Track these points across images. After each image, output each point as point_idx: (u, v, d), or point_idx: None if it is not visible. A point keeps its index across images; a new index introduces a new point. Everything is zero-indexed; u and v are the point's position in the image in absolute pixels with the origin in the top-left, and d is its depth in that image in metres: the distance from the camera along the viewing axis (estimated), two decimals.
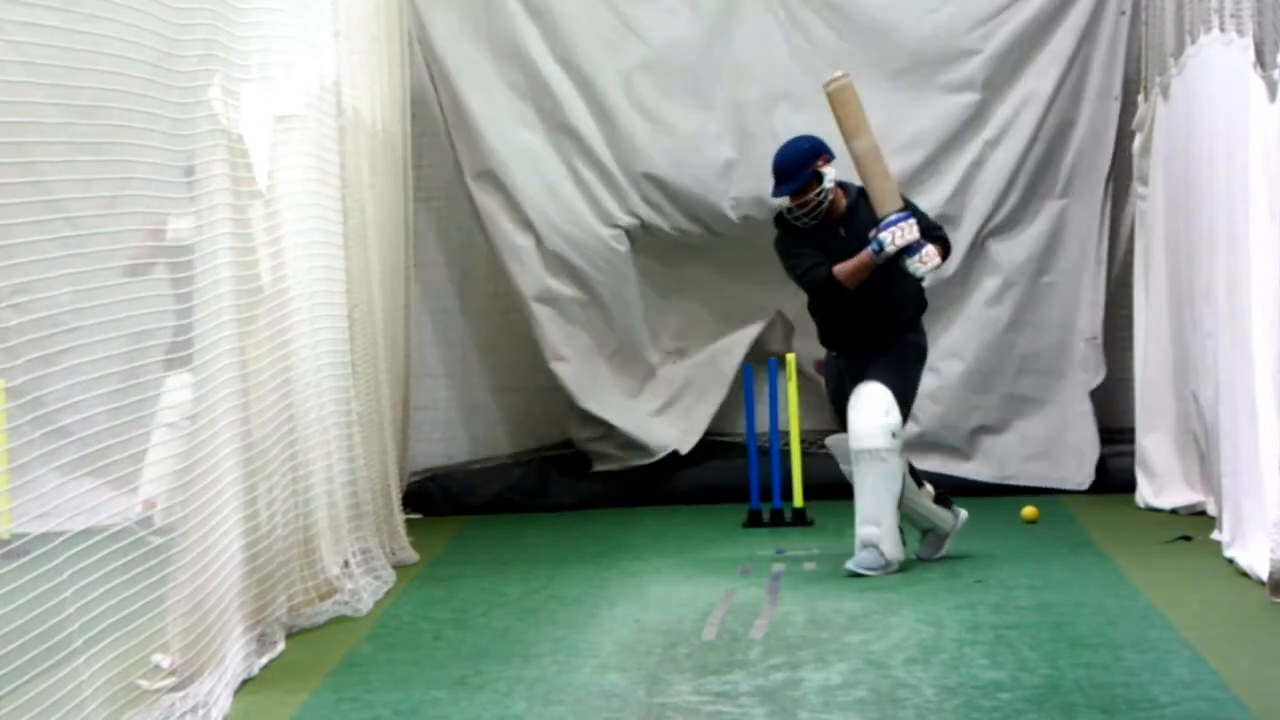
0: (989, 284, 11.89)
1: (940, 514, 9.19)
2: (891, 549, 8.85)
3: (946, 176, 11.82)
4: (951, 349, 11.81)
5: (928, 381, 9.60)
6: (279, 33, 7.94)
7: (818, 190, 8.88)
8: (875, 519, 8.84)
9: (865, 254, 8.79)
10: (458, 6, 11.87)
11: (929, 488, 9.18)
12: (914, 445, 10.90)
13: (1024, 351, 11.90)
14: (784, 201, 8.98)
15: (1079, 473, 11.74)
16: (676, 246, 11.97)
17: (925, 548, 9.26)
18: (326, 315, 8.58)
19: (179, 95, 6.50)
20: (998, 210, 11.84)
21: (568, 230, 11.86)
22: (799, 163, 8.91)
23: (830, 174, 8.90)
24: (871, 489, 8.82)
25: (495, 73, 11.85)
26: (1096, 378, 11.80)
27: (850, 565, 8.87)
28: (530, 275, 11.87)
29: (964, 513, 9.29)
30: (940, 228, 9.19)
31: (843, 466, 9.02)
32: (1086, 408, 11.79)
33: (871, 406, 8.82)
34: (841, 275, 8.85)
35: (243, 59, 7.32)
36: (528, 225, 11.85)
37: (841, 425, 9.03)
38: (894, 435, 8.78)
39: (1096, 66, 11.74)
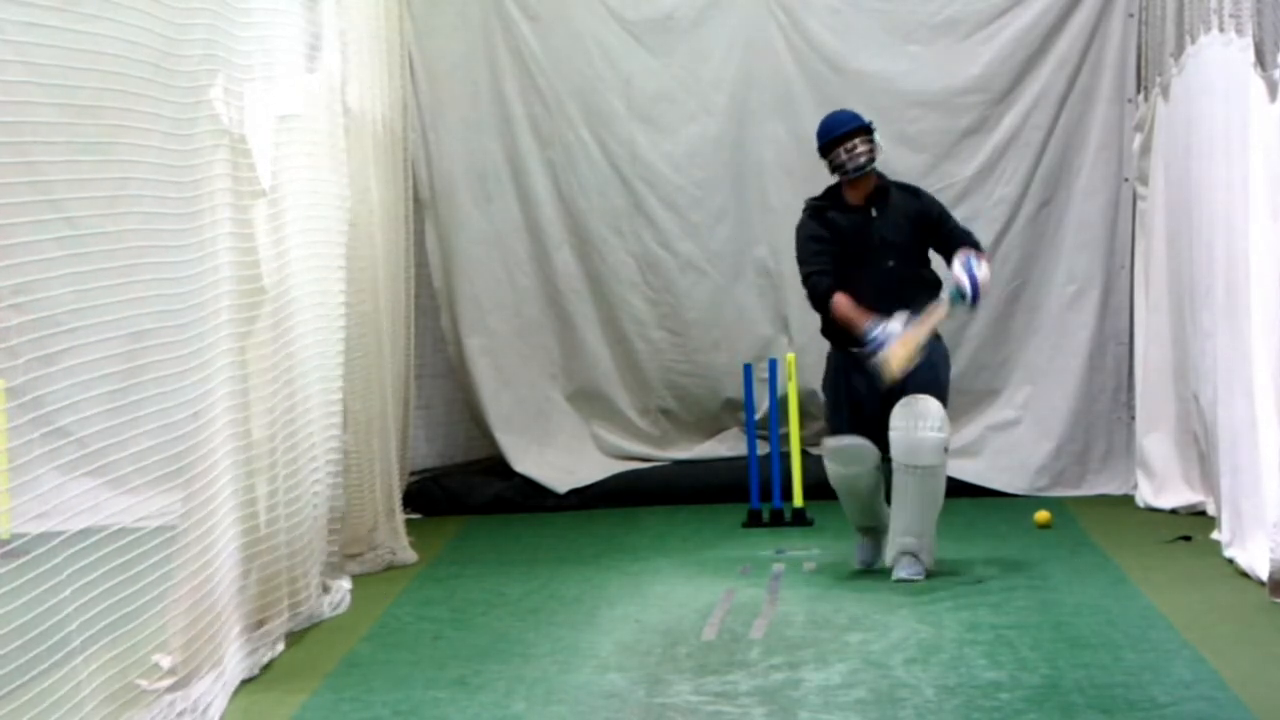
0: (1006, 287, 11.86)
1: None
2: (929, 559, 8.70)
3: (958, 178, 11.83)
4: (970, 355, 11.85)
5: None
6: (281, 33, 7.94)
7: (870, 141, 8.80)
8: (918, 531, 8.65)
9: (866, 321, 8.55)
10: (454, 10, 11.87)
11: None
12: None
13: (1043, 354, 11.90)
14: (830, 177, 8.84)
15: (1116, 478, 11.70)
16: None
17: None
18: (328, 315, 8.58)
19: (179, 95, 6.50)
20: (1014, 212, 11.83)
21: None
22: (856, 116, 8.91)
23: (879, 139, 8.88)
24: (917, 502, 8.59)
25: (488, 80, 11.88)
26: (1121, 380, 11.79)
27: (900, 574, 8.66)
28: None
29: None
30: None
31: (841, 470, 8.81)
32: (1118, 413, 11.79)
33: (926, 423, 8.55)
34: (837, 309, 8.69)
35: (244, 59, 7.31)
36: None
37: (834, 426, 8.90)
38: (945, 450, 8.63)
39: (1108, 69, 11.73)
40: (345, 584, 8.74)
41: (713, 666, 7.03)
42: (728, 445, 12.02)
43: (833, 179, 8.91)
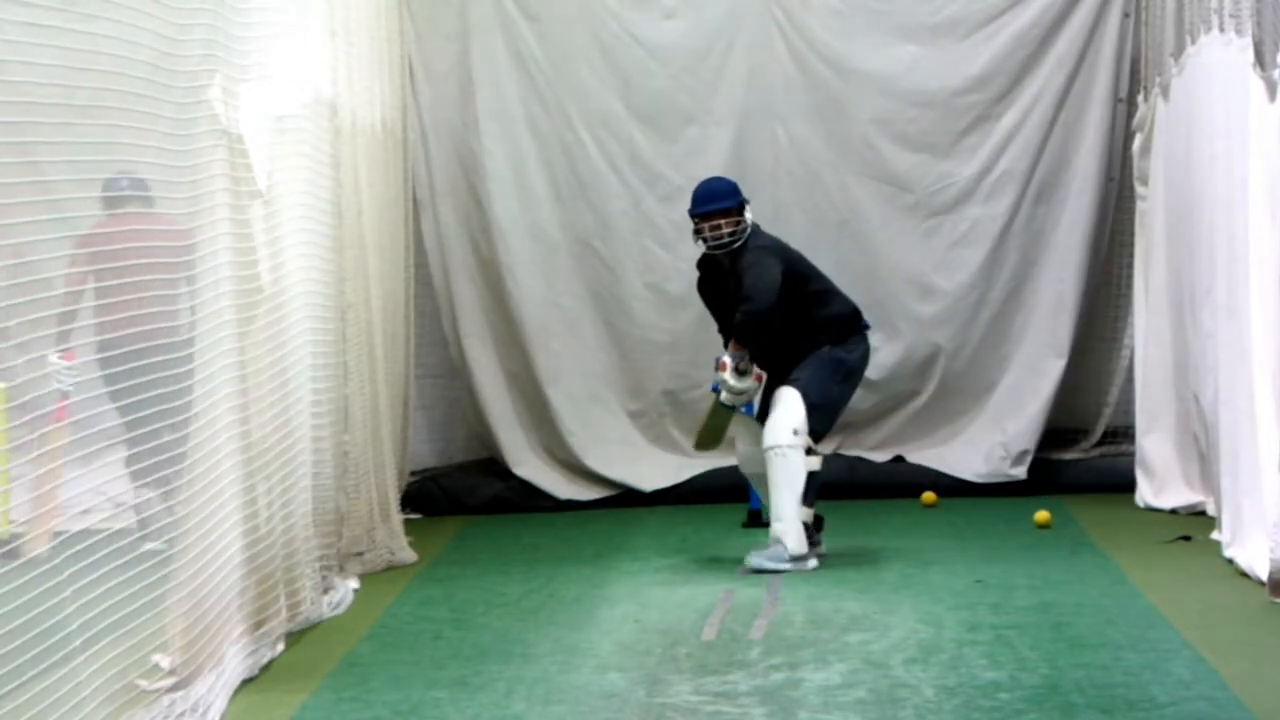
0: (1004, 286, 11.87)
1: (799, 538, 9.14)
2: (795, 544, 9.08)
3: (957, 178, 11.82)
4: (963, 354, 11.86)
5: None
6: (278, 32, 7.93)
7: (737, 220, 9.27)
8: (778, 515, 9.12)
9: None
10: (453, 10, 11.86)
11: (809, 513, 9.18)
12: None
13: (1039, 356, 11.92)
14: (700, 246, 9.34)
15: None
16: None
17: (759, 554, 9.17)
18: (321, 316, 8.57)
19: (179, 95, 6.50)
20: (1013, 211, 11.84)
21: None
22: (729, 191, 9.37)
23: (749, 217, 9.31)
24: (774, 485, 9.12)
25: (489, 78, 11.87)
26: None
27: (752, 562, 9.10)
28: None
29: (814, 562, 9.18)
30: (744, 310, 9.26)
31: (743, 471, 9.55)
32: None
33: (778, 406, 9.14)
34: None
35: (242, 59, 7.31)
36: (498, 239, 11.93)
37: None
38: (795, 432, 9.07)
39: (1107, 69, 11.73)
40: (352, 584, 8.75)
41: (713, 666, 7.03)
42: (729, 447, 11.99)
43: None
